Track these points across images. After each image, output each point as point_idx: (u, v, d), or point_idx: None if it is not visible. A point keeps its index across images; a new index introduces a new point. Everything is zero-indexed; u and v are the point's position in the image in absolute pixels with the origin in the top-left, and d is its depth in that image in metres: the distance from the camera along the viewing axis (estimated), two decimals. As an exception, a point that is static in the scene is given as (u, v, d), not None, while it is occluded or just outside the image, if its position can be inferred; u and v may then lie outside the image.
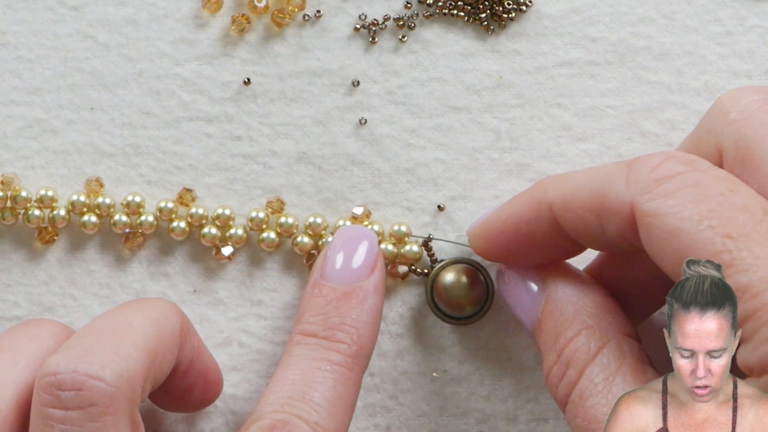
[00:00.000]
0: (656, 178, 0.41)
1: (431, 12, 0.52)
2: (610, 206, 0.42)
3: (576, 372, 0.43)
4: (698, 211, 0.39)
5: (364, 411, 0.51)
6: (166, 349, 0.45)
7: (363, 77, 0.52)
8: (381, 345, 0.51)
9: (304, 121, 0.52)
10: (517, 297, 0.47)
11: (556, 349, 0.44)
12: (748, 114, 0.42)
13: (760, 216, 0.39)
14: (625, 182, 0.41)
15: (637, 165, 0.41)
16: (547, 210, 0.44)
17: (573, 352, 0.43)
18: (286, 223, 0.51)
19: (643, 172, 0.41)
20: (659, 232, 0.40)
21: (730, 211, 0.39)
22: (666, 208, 0.40)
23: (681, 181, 0.40)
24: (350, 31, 0.52)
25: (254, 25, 0.52)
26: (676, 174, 0.41)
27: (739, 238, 0.38)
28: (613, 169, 0.42)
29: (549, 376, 0.44)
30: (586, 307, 0.44)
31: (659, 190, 0.40)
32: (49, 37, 0.52)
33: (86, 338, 0.43)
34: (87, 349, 0.42)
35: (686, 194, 0.40)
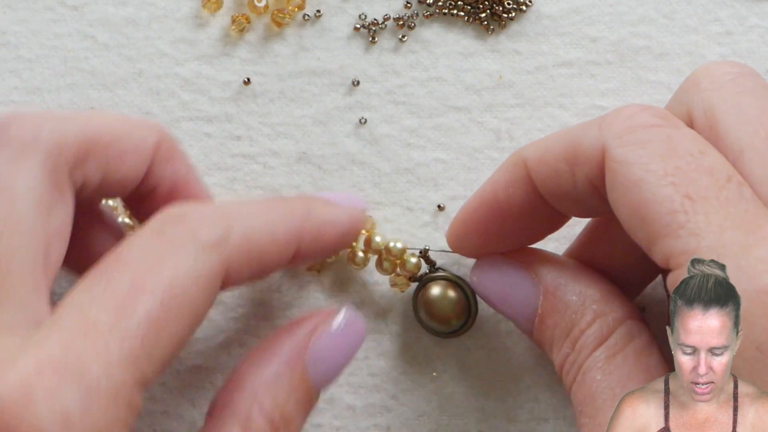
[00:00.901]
0: (630, 126, 0.41)
1: (431, 12, 0.52)
2: (583, 152, 0.42)
3: (585, 356, 0.43)
4: (664, 167, 0.39)
5: (365, 411, 0.51)
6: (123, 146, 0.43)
7: (363, 77, 0.52)
8: (382, 345, 0.51)
9: (304, 121, 0.52)
10: (506, 295, 0.46)
11: (570, 341, 0.44)
12: (719, 85, 0.42)
13: (724, 182, 0.39)
14: (599, 128, 0.41)
15: (613, 112, 0.41)
16: (522, 168, 0.44)
17: (586, 340, 0.43)
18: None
19: (618, 119, 0.41)
20: (623, 180, 0.40)
21: (696, 172, 0.39)
22: (634, 157, 0.40)
23: (653, 134, 0.40)
24: (350, 31, 0.52)
25: (254, 24, 0.52)
26: (650, 125, 0.41)
27: (698, 201, 0.38)
28: (588, 123, 0.42)
29: (564, 370, 0.44)
30: (591, 296, 0.44)
31: (630, 137, 0.40)
32: (49, 37, 0.52)
33: None
34: None
35: (656, 147, 0.40)
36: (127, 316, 0.38)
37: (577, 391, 0.42)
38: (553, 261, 0.46)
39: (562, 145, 0.43)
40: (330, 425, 0.51)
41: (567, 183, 0.43)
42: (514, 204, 0.45)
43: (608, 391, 0.41)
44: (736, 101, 0.41)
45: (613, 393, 0.41)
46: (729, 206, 0.38)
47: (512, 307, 0.46)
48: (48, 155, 0.41)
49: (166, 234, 0.40)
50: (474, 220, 0.46)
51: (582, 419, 0.42)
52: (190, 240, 0.40)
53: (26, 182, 0.40)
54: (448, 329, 0.50)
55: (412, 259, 0.50)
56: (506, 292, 0.46)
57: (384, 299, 0.51)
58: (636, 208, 0.39)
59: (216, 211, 0.41)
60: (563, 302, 0.44)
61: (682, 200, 0.38)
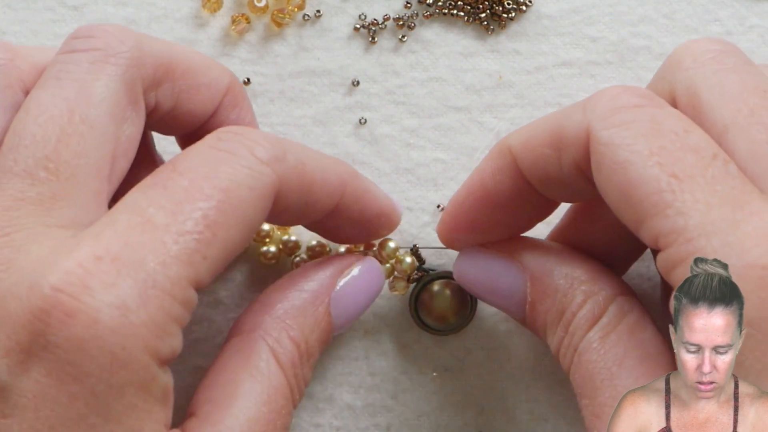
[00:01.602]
0: (613, 107, 0.41)
1: (431, 12, 0.52)
2: (568, 136, 0.42)
3: (579, 337, 0.43)
4: (649, 147, 0.39)
5: (365, 410, 0.51)
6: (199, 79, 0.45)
7: (363, 77, 0.52)
8: (382, 345, 0.51)
9: (304, 121, 0.52)
10: (491, 285, 0.46)
11: (563, 325, 0.44)
12: (701, 63, 0.42)
13: (709, 160, 0.39)
14: (583, 111, 0.41)
15: (597, 94, 0.41)
16: (508, 156, 0.44)
17: (579, 321, 0.43)
18: (289, 241, 0.51)
19: (602, 101, 0.41)
20: (609, 162, 0.40)
21: (681, 151, 0.39)
22: (619, 138, 0.40)
23: (637, 114, 0.40)
24: (350, 31, 0.52)
25: (254, 25, 0.52)
26: (633, 106, 0.40)
27: (685, 180, 0.38)
28: (572, 106, 0.42)
29: (560, 353, 0.44)
30: (579, 277, 0.44)
31: (615, 119, 0.40)
32: (49, 37, 0.52)
33: None
34: None
35: (640, 127, 0.40)
36: (184, 215, 0.39)
37: (575, 373, 0.42)
38: (537, 246, 0.46)
39: (546, 130, 0.43)
40: (330, 425, 0.51)
41: (553, 168, 0.43)
42: (501, 193, 0.45)
43: (605, 370, 0.41)
44: (719, 79, 0.41)
45: (611, 372, 0.41)
46: (715, 184, 0.38)
47: (500, 296, 0.46)
48: (127, 68, 0.42)
49: (223, 147, 0.41)
50: (463, 212, 0.46)
51: (582, 401, 0.42)
52: (247, 153, 0.41)
53: (104, 90, 0.42)
54: (447, 327, 0.50)
55: (407, 258, 0.50)
56: (491, 282, 0.46)
57: (384, 299, 0.51)
58: (623, 189, 0.39)
59: (272, 136, 0.42)
60: (552, 286, 0.44)
61: (669, 180, 0.38)
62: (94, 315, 0.37)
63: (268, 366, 0.43)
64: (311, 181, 0.43)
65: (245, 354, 0.43)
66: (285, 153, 0.42)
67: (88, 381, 0.37)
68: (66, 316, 0.37)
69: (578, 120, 0.41)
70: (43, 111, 0.40)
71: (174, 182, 0.40)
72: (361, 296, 0.47)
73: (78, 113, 0.41)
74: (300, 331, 0.45)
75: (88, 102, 0.41)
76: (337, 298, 0.46)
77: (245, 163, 0.41)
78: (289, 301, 0.45)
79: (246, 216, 0.40)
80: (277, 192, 0.41)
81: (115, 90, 0.41)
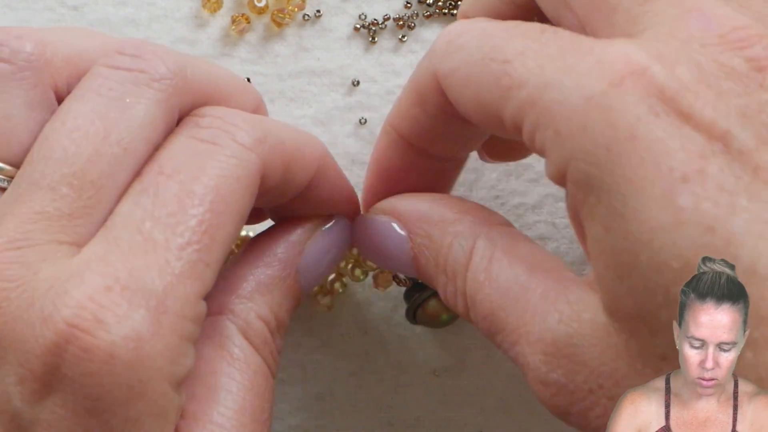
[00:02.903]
0: (448, 40, 0.42)
1: (431, 12, 0.52)
2: (423, 87, 0.43)
3: (461, 280, 0.43)
4: (482, 52, 0.40)
5: (367, 408, 0.51)
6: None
7: (363, 77, 0.52)
8: (384, 343, 0.51)
9: (304, 121, 0.52)
10: (382, 249, 0.46)
11: (440, 271, 0.44)
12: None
13: (537, 36, 0.39)
14: (428, 59, 0.42)
15: (435, 39, 0.42)
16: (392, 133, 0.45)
17: (454, 264, 0.43)
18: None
19: (438, 41, 0.42)
20: (458, 86, 0.41)
21: (510, 40, 0.40)
22: (457, 61, 0.41)
23: (468, 33, 0.41)
24: (350, 31, 0.52)
25: (254, 24, 0.52)
26: (465, 30, 0.41)
27: (515, 60, 0.39)
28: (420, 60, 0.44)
29: (448, 300, 0.44)
30: (447, 220, 0.44)
31: (451, 48, 0.41)
32: (49, 37, 0.52)
33: None
34: None
35: (472, 41, 0.41)
36: (182, 227, 0.39)
37: (476, 316, 0.42)
38: (413, 199, 0.46)
39: (409, 94, 0.44)
40: (332, 425, 0.51)
41: (428, 123, 0.44)
42: (399, 167, 0.46)
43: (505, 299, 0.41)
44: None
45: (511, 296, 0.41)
46: (546, 49, 0.39)
47: (392, 258, 0.46)
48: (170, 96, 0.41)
49: (205, 137, 0.41)
50: (374, 195, 0.47)
51: (496, 337, 0.42)
52: (230, 140, 0.40)
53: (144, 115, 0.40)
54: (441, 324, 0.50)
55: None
56: (381, 245, 0.46)
57: (385, 299, 0.51)
58: (479, 103, 0.40)
59: (250, 116, 0.42)
60: (427, 237, 0.44)
61: (503, 67, 0.39)
62: (110, 350, 0.37)
63: (243, 351, 0.43)
64: (290, 158, 0.42)
65: (217, 342, 0.43)
66: (266, 134, 0.41)
67: (104, 415, 0.37)
68: (82, 352, 0.37)
69: (425, 67, 0.42)
70: (79, 126, 0.40)
71: (164, 188, 0.39)
72: (329, 257, 0.46)
73: (115, 134, 0.40)
74: (269, 307, 0.44)
75: (127, 125, 0.40)
76: (306, 263, 0.45)
77: (230, 153, 0.40)
78: (254, 277, 0.44)
79: (238, 208, 0.40)
80: (262, 175, 0.41)
81: (155, 116, 0.41)
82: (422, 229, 0.44)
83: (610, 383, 0.38)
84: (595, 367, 0.39)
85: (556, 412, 0.40)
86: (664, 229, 0.36)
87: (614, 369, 0.38)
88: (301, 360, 0.51)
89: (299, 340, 0.51)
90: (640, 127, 0.36)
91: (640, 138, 0.36)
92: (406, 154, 0.45)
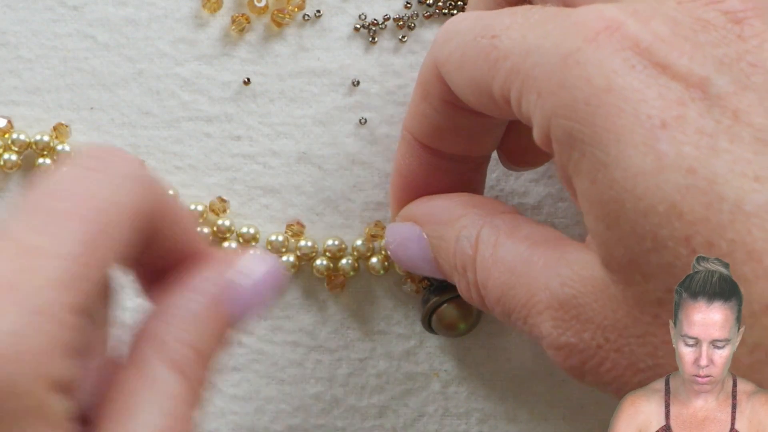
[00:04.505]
0: (445, 29, 0.43)
1: (431, 12, 0.52)
2: (427, 80, 0.44)
3: (471, 271, 0.43)
4: (474, 33, 0.41)
5: (368, 412, 0.51)
6: None
7: (363, 77, 0.52)
8: (383, 346, 0.51)
9: (304, 121, 0.52)
10: (411, 258, 0.47)
11: (453, 268, 0.44)
12: None
13: (524, 11, 0.40)
14: (429, 51, 0.44)
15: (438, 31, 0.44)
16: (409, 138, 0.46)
17: (463, 258, 0.44)
18: (305, 246, 0.51)
19: (439, 33, 0.44)
20: (454, 70, 0.42)
21: (498, 17, 0.41)
22: (452, 46, 0.42)
23: (464, 20, 0.42)
24: (350, 31, 0.52)
25: (254, 24, 0.52)
26: (461, 19, 0.43)
27: (502, 33, 0.40)
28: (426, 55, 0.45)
29: (464, 295, 0.44)
30: (454, 217, 0.45)
31: (448, 35, 0.43)
32: (49, 37, 0.52)
33: None
34: None
35: (465, 24, 0.42)
36: (61, 238, 0.38)
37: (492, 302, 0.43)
38: (428, 202, 0.47)
39: (416, 90, 0.45)
40: (332, 425, 0.51)
41: (435, 119, 0.45)
42: (418, 172, 0.47)
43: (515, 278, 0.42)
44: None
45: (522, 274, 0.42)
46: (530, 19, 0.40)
47: (419, 265, 0.47)
48: None
49: (86, 166, 0.40)
50: (400, 202, 0.48)
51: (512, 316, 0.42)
52: (112, 170, 0.40)
53: None
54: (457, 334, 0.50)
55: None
56: (408, 252, 0.47)
57: (385, 299, 0.51)
58: (469, 81, 0.41)
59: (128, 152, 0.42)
60: (441, 238, 0.45)
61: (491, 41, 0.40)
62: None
63: (163, 375, 0.41)
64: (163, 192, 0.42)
65: (139, 365, 0.41)
66: (144, 166, 0.41)
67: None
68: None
69: (427, 60, 0.44)
70: None
71: (46, 206, 0.39)
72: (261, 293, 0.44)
73: None
74: (199, 338, 0.42)
75: None
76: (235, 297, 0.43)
77: (112, 181, 0.39)
78: (183, 306, 0.42)
79: (119, 233, 0.39)
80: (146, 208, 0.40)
81: None
82: (435, 231, 0.45)
83: (614, 335, 0.39)
84: (599, 321, 0.39)
85: (573, 375, 0.40)
86: (647, 174, 0.36)
87: (616, 320, 0.39)
88: (301, 360, 0.51)
89: (299, 340, 0.51)
90: (616, 79, 0.37)
91: (616, 89, 0.37)
92: (422, 157, 0.46)
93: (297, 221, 0.51)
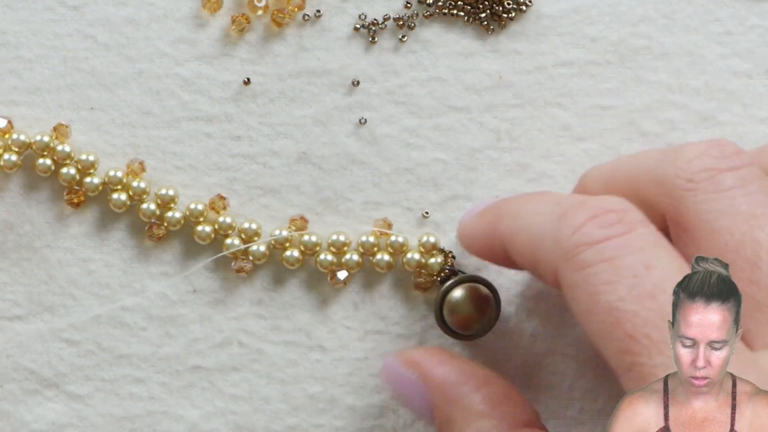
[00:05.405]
0: (576, 243, 0.41)
1: (431, 12, 0.52)
2: (540, 263, 0.43)
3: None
4: (607, 299, 0.40)
5: (368, 412, 0.51)
6: None
7: (363, 77, 0.52)
8: (382, 346, 0.51)
9: (304, 121, 0.52)
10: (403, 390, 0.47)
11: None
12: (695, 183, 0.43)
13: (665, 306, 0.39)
14: (552, 241, 0.42)
15: (564, 222, 0.42)
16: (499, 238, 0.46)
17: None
18: (309, 241, 0.51)
19: (567, 233, 0.41)
20: (578, 306, 0.41)
21: (637, 302, 0.39)
22: (583, 285, 0.40)
23: (599, 253, 0.40)
24: (350, 31, 0.52)
25: (254, 24, 0.52)
26: (595, 242, 0.41)
27: (641, 340, 0.39)
28: (548, 220, 0.42)
29: None
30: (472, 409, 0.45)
31: (578, 260, 0.41)
32: (49, 37, 0.52)
33: None
34: None
35: (602, 271, 0.40)
36: None
37: None
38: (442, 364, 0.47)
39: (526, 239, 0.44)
40: (331, 425, 0.51)
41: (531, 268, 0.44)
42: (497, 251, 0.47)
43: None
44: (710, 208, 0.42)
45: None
46: None
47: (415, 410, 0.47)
48: None
49: None
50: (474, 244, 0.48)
51: None
52: None
53: None
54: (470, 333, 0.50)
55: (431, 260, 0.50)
56: (406, 395, 0.47)
57: (384, 300, 0.51)
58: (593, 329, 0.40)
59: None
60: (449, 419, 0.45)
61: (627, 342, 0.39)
62: None
63: None
64: None
65: None
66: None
67: None
68: None
69: (548, 251, 0.42)
70: None
71: None
72: None
73: None
74: None
75: None
76: None
77: None
78: None
79: None
80: None
81: None
82: (446, 405, 0.45)
83: None
84: None
85: None
86: None
87: None
88: (301, 360, 0.51)
89: (298, 339, 0.51)
90: None
91: None
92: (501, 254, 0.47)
93: (301, 216, 0.51)
